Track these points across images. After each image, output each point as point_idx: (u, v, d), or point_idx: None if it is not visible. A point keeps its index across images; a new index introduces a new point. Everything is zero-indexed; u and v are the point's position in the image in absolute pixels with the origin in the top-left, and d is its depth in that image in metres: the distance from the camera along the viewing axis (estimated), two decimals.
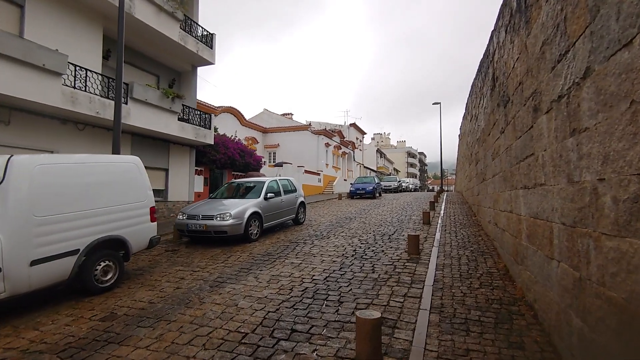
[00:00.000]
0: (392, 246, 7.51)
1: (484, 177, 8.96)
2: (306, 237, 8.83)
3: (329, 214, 13.71)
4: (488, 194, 8.06)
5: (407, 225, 10.43)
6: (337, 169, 34.66)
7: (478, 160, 10.58)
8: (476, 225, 9.92)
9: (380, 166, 59.21)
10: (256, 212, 8.39)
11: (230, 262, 6.43)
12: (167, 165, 12.49)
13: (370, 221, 11.41)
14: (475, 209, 11.84)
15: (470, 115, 13.19)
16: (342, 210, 15.01)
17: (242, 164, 16.31)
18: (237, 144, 16.43)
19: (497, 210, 6.62)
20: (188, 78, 13.74)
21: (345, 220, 11.71)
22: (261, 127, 31.03)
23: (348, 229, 9.96)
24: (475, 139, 11.14)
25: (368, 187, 22.47)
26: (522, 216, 4.29)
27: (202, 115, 13.06)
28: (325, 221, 11.69)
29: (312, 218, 12.65)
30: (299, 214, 10.91)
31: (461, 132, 22.76)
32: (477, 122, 10.41)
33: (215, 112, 24.35)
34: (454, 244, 7.60)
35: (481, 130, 9.27)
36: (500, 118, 5.84)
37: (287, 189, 10.52)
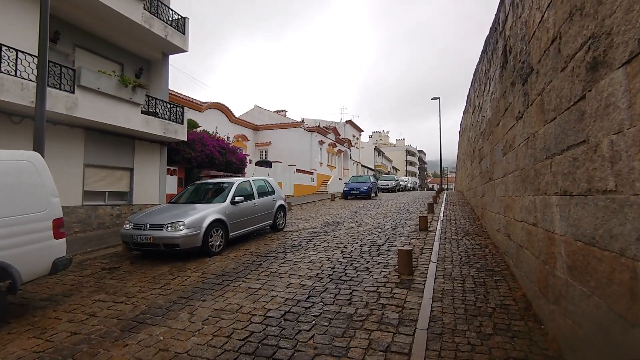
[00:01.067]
0: (381, 262, 6.13)
1: (490, 177, 7.59)
2: (280, 248, 7.45)
3: (316, 218, 12.34)
4: (496, 196, 6.69)
5: (401, 231, 9.06)
6: (332, 167, 33.28)
7: (482, 157, 9.21)
8: (481, 232, 8.55)
9: (378, 165, 57.83)
10: (219, 220, 7.01)
11: (172, 287, 5.05)
12: (132, 164, 11.10)
13: (360, 227, 10.03)
14: (479, 212, 10.48)
15: (473, 107, 11.82)
16: (332, 213, 13.63)
17: (222, 162, 14.93)
18: (217, 141, 15.04)
19: (509, 219, 5.25)
20: (158, 67, 12.34)
21: (331, 226, 10.34)
22: (252, 124, 29.62)
23: (332, 237, 8.58)
24: (479, 133, 9.77)
25: (363, 187, 21.10)
26: (558, 235, 2.92)
27: (173, 108, 11.67)
28: (309, 227, 10.32)
29: (296, 223, 11.27)
30: (278, 219, 9.53)
31: (462, 127, 21.40)
32: (481, 112, 9.04)
33: (201, 108, 23.00)
34: (456, 258, 6.22)
35: (487, 121, 7.90)
36: (517, 100, 4.46)
37: (263, 191, 9.14)
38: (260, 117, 31.35)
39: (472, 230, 8.98)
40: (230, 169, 15.85)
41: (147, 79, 12.23)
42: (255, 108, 32.32)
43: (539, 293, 3.62)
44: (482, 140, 9.02)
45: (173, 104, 11.75)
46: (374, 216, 12.31)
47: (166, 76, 12.41)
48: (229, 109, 25.85)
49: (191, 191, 8.35)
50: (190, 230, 6.38)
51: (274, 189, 9.65)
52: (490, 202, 7.72)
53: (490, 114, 7.22)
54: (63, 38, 9.47)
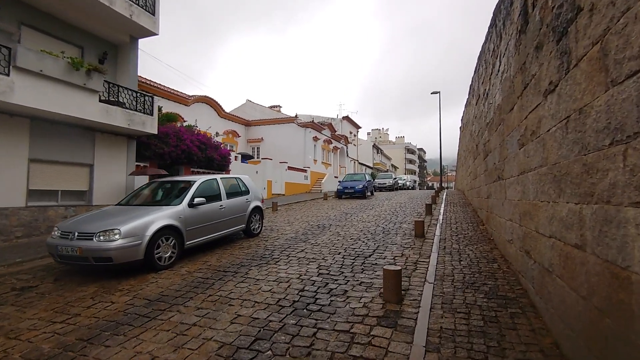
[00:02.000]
0: (363, 281, 4.88)
1: (499, 175, 6.32)
2: (246, 260, 6.20)
3: (301, 220, 11.08)
4: (508, 199, 5.43)
5: (393, 238, 7.81)
6: (327, 165, 32.00)
7: (488, 153, 7.95)
8: (486, 240, 7.30)
9: (377, 162, 56.57)
10: (170, 227, 5.75)
11: (79, 321, 3.80)
12: (92, 159, 9.83)
13: (347, 232, 8.78)
14: (483, 215, 9.22)
15: (477, 97, 10.55)
16: (320, 215, 12.38)
17: (202, 158, 13.66)
18: (196, 135, 13.75)
19: (529, 230, 3.99)
20: (125, 52, 11.05)
21: (315, 230, 9.09)
22: (243, 120, 28.31)
23: (313, 245, 7.33)
24: (485, 125, 8.51)
25: (357, 186, 19.84)
26: (638, 275, 1.67)
27: (140, 97, 10.39)
28: (290, 232, 9.06)
29: (277, 226, 10.02)
30: (252, 222, 8.28)
31: (463, 122, 20.11)
32: (488, 100, 7.78)
33: (187, 102, 21.73)
34: (458, 277, 4.97)
35: (495, 108, 6.63)
36: (546, 67, 3.20)
37: (234, 191, 7.88)
38: (252, 112, 30.03)
39: (475, 237, 7.73)
40: (212, 166, 14.58)
41: (113, 64, 10.95)
42: (247, 103, 30.99)
43: (584, 350, 2.37)
44: (489, 133, 7.75)
45: (141, 92, 10.46)
46: (365, 219, 11.05)
47: (135, 62, 11.11)
48: (217, 103, 24.55)
49: (144, 191, 7.08)
50: (128, 240, 5.12)
51: (248, 188, 8.38)
52: (498, 205, 6.46)
53: (501, 98, 5.95)
54: (4, 13, 8.18)
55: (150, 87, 18.40)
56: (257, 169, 20.33)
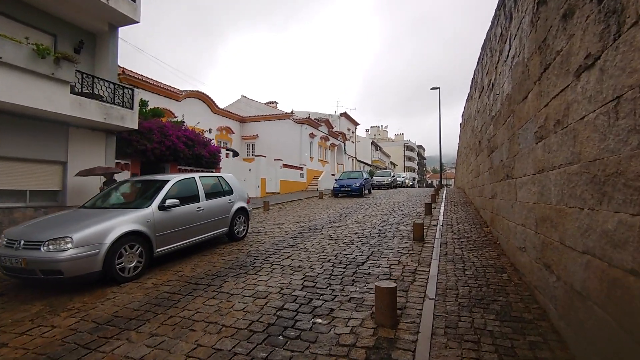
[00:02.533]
0: (353, 297, 4.21)
1: (507, 173, 5.65)
2: (224, 269, 5.52)
3: (292, 221, 10.40)
4: (519, 201, 4.76)
5: (390, 242, 7.14)
6: (324, 162, 31.28)
7: (494, 149, 7.27)
8: (492, 245, 6.64)
9: (376, 160, 55.88)
10: (135, 233, 5.06)
11: (1, 355, 3.12)
12: (66, 157, 9.11)
13: (340, 235, 8.10)
14: (488, 215, 8.55)
15: (480, 89, 9.87)
16: (313, 215, 11.70)
17: (190, 155, 12.95)
18: (183, 131, 13.04)
19: (550, 240, 3.32)
20: (104, 41, 10.31)
21: (306, 233, 8.41)
22: (238, 116, 27.55)
23: (301, 250, 6.66)
24: (489, 118, 7.82)
25: (354, 184, 19.16)
26: None
27: (119, 90, 9.66)
28: (278, 234, 8.39)
29: (265, 228, 9.33)
30: (236, 225, 7.59)
31: (464, 118, 19.43)
32: (494, 91, 7.09)
33: (178, 97, 20.98)
34: (463, 291, 4.30)
35: (503, 99, 5.95)
36: (581, 38, 2.51)
37: (215, 191, 7.19)
38: (247, 108, 29.26)
39: (480, 240, 7.07)
40: (200, 163, 13.88)
41: (90, 55, 10.21)
42: (242, 99, 30.20)
43: None
44: (494, 127, 7.07)
45: (119, 85, 9.73)
46: (361, 219, 10.38)
47: (114, 52, 10.37)
48: (210, 98, 23.79)
49: (114, 192, 6.38)
50: (81, 250, 4.43)
51: (231, 188, 7.69)
52: (506, 207, 5.78)
53: (510, 87, 5.26)
54: None
55: (137, 80, 17.65)
56: (250, 166, 19.63)
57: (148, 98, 18.68)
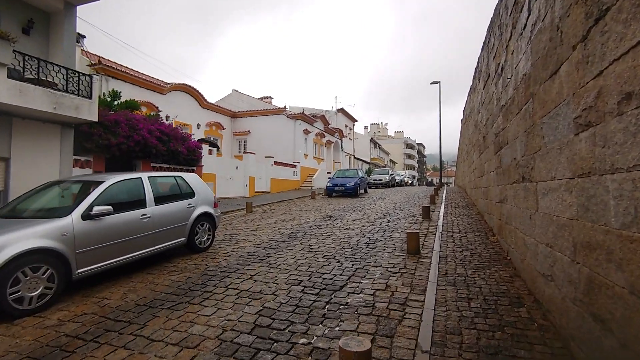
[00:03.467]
0: (318, 346, 3.05)
1: (524, 174, 4.47)
2: (164, 295, 4.36)
3: (273, 226, 9.24)
4: (543, 213, 3.59)
5: (379, 256, 5.98)
6: (319, 160, 30.08)
7: (503, 145, 6.09)
8: (501, 260, 5.48)
9: (374, 157, 54.69)
10: (41, 251, 3.89)
11: None
12: (8, 152, 7.94)
13: (322, 244, 6.95)
14: (494, 222, 7.38)
15: (485, 77, 8.68)
16: (300, 218, 10.54)
17: (164, 152, 11.76)
18: (157, 124, 11.84)
19: (607, 281, 2.15)
20: (59, 21, 9.10)
21: (284, 242, 7.25)
22: (228, 111, 26.34)
23: (270, 266, 5.50)
24: (497, 109, 6.64)
25: (349, 183, 17.99)
26: None
27: (73, 76, 8.47)
28: (252, 243, 7.22)
29: (240, 235, 8.17)
30: (198, 234, 6.43)
31: (465, 114, 18.22)
32: (504, 75, 5.91)
33: (162, 90, 19.80)
34: (469, 339, 3.13)
35: (517, 82, 4.76)
36: None
37: (169, 194, 6.03)
38: (238, 103, 28.02)
39: (486, 254, 5.90)
40: (177, 160, 12.69)
41: (44, 36, 9.01)
42: (234, 93, 28.94)
43: None
44: (505, 119, 5.88)
45: (74, 70, 8.53)
46: (350, 224, 9.21)
47: (71, 33, 9.17)
48: (198, 92, 22.58)
49: (35, 196, 5.19)
50: None
51: (193, 190, 6.51)
52: (521, 216, 4.61)
53: (530, 63, 4.08)
54: None
55: (114, 70, 16.46)
56: (238, 164, 18.43)
57: (128, 90, 17.52)
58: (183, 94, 21.63)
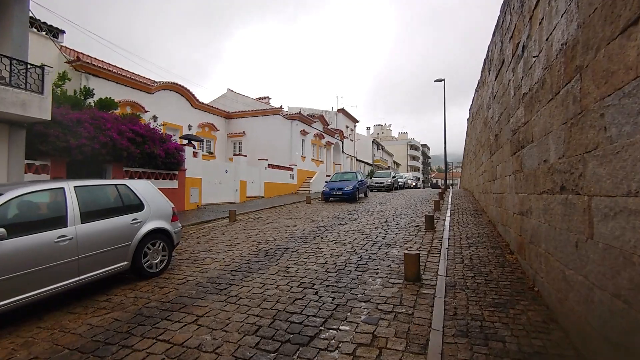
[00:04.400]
0: None
1: (563, 183, 3.21)
2: (65, 355, 3.15)
3: (253, 239, 8.02)
4: (605, 244, 2.32)
5: (369, 284, 4.74)
6: (318, 162, 28.83)
7: (525, 143, 4.85)
8: (526, 292, 4.21)
9: (377, 159, 53.36)
10: None
11: None
12: None
13: (302, 266, 5.72)
14: (512, 237, 6.09)
15: (498, 66, 7.44)
16: (286, 229, 9.31)
17: (137, 154, 10.60)
18: (130, 124, 10.70)
19: None
20: (8, 7, 7.98)
21: (258, 262, 6.03)
22: (222, 112, 25.22)
23: (227, 301, 4.28)
24: (517, 99, 5.39)
25: (347, 187, 16.74)
26: None
27: (19, 68, 7.34)
28: (220, 264, 6.01)
29: (210, 251, 6.95)
30: (147, 256, 5.22)
31: (472, 112, 16.91)
32: (526, 55, 4.67)
33: (149, 89, 18.72)
34: None
35: (552, 57, 3.51)
36: None
37: (105, 208, 4.84)
38: (233, 104, 26.89)
39: (505, 281, 4.64)
40: (154, 163, 11.54)
41: None
42: (228, 93, 27.82)
43: None
44: (528, 110, 4.63)
45: (19, 61, 7.40)
46: (342, 237, 7.97)
47: (22, 20, 8.05)
48: (189, 91, 21.48)
49: None
50: None
51: (142, 201, 5.31)
52: (559, 240, 3.34)
53: (576, 24, 2.84)
54: None
55: (95, 68, 15.40)
56: (227, 167, 17.25)
57: (111, 89, 16.43)
58: (172, 94, 20.54)
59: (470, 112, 17.97)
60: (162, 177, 12.30)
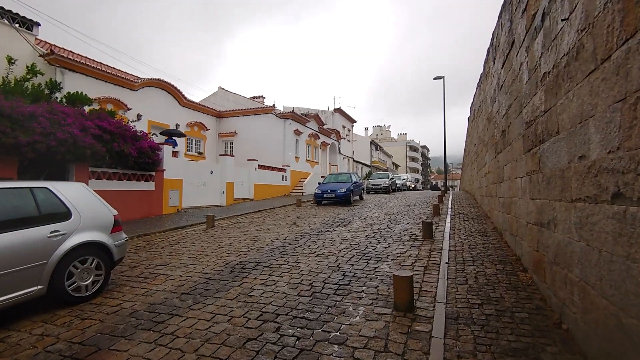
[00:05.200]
0: None
1: (622, 189, 2.16)
2: None
3: (224, 250, 6.99)
4: None
5: (349, 313, 3.71)
6: (313, 163, 27.79)
7: (546, 136, 3.83)
8: (552, 332, 3.17)
9: (375, 160, 52.36)
10: None
11: None
12: None
13: (268, 289, 4.69)
14: (526, 251, 5.06)
15: (506, 50, 6.44)
16: (266, 236, 8.28)
17: (103, 153, 9.56)
18: (98, 119, 9.67)
19: None
20: None
21: (218, 282, 5.00)
22: (213, 110, 24.20)
23: (158, 342, 3.25)
24: (533, 83, 4.37)
25: (340, 189, 15.71)
26: None
27: None
28: (172, 283, 4.97)
29: (169, 265, 5.91)
30: (74, 276, 4.19)
31: (473, 110, 15.89)
32: (549, 21, 3.64)
33: (132, 86, 17.72)
34: None
35: (598, 10, 2.47)
36: None
37: (13, 218, 3.80)
38: (224, 103, 25.86)
39: (522, 312, 3.61)
40: (126, 163, 10.51)
41: None
42: (219, 91, 26.77)
43: None
44: (549, 95, 3.64)
45: None
46: (326, 248, 6.93)
47: None
48: (177, 89, 20.47)
49: None
50: None
51: (69, 208, 4.28)
52: (611, 270, 2.31)
53: None
54: None
55: (70, 62, 14.38)
56: (212, 168, 16.20)
57: (90, 85, 15.42)
58: (158, 91, 19.53)
59: (471, 109, 16.96)
60: (135, 179, 11.26)
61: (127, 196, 10.94)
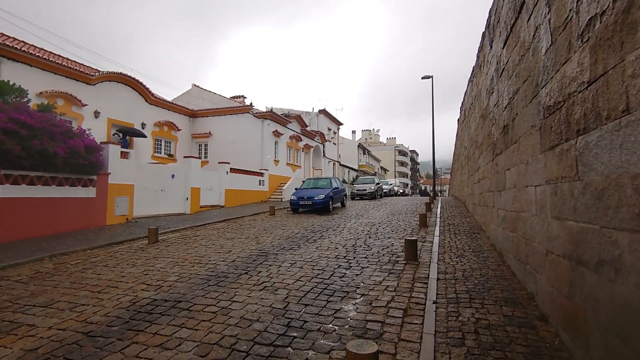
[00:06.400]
0: None
1: None
2: None
3: (145, 279, 5.31)
4: None
5: None
6: (295, 167, 26.16)
7: (587, 126, 2.28)
8: None
9: (363, 164, 51.04)
10: None
11: None
12: None
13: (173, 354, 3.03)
14: (545, 291, 3.55)
15: (510, 22, 4.98)
16: (212, 257, 6.63)
17: (17, 152, 7.79)
18: (16, 112, 7.90)
19: None
20: None
21: (102, 336, 3.35)
22: (185, 109, 22.41)
23: None
24: (568, 41, 2.85)
25: (318, 196, 14.14)
26: None
27: None
28: (29, 342, 3.29)
29: (57, 305, 4.22)
30: None
31: (463, 110, 14.56)
32: None
33: (89, 79, 15.90)
34: None
35: None
36: None
37: None
38: (199, 101, 24.10)
39: None
40: (52, 165, 8.72)
41: None
42: (193, 89, 24.98)
43: None
44: (601, 54, 2.08)
45: None
46: (280, 275, 5.33)
47: None
48: (143, 85, 18.67)
49: None
50: None
51: None
52: None
53: None
54: None
55: (9, 49, 12.52)
56: (174, 171, 14.43)
57: (35, 77, 13.57)
58: (120, 86, 17.70)
59: (461, 110, 15.65)
60: (69, 184, 9.45)
61: (57, 204, 9.13)
